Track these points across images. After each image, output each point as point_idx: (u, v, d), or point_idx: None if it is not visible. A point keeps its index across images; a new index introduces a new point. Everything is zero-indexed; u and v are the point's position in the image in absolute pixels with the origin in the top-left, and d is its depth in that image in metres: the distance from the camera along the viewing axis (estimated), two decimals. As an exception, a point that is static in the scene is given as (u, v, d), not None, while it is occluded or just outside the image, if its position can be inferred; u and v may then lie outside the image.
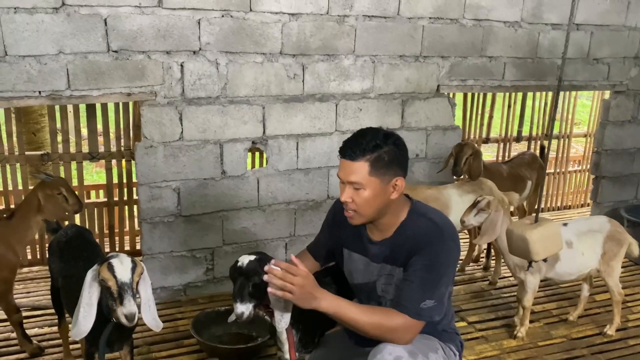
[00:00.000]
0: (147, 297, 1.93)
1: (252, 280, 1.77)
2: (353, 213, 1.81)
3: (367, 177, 1.74)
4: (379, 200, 1.78)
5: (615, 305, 3.07)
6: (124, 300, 1.79)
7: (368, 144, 1.74)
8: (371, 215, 1.81)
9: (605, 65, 4.16)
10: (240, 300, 1.77)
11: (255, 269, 1.79)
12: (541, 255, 2.47)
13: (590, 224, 3.04)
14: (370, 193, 1.76)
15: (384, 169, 1.75)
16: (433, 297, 1.75)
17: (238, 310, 1.76)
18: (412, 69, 3.56)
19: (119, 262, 1.84)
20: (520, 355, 2.89)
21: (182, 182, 3.22)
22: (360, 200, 1.77)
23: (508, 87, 3.94)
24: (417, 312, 1.74)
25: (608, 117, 4.37)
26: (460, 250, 1.90)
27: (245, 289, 1.77)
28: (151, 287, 1.97)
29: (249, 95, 3.22)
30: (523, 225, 2.53)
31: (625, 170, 4.55)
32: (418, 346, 1.80)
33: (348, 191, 1.78)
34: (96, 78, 2.87)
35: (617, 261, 2.99)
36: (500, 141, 4.93)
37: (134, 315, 1.79)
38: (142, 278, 1.91)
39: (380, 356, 1.73)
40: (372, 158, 1.74)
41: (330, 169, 3.55)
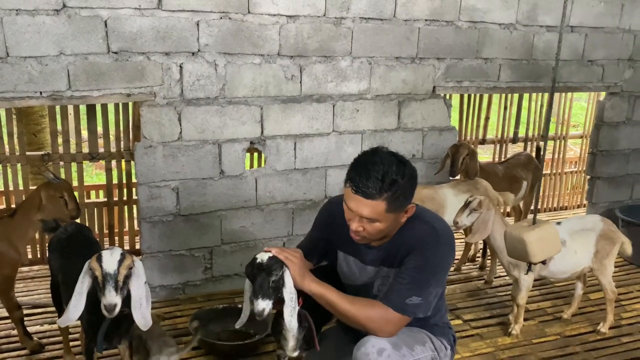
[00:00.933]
0: (139, 294, 1.92)
1: (272, 276, 1.79)
2: (361, 238, 1.82)
3: (383, 214, 1.73)
4: (391, 227, 1.80)
5: (608, 303, 3.11)
6: (105, 290, 1.80)
7: (384, 180, 1.68)
8: (379, 237, 1.84)
9: (600, 67, 4.21)
10: (261, 297, 1.76)
11: (274, 265, 1.81)
12: (539, 257, 2.49)
13: (584, 223, 3.08)
14: (384, 225, 1.77)
15: (399, 203, 1.74)
16: (420, 295, 1.78)
17: (259, 307, 1.76)
18: (409, 70, 3.61)
19: (109, 254, 1.87)
20: (514, 352, 2.92)
21: (181, 182, 3.26)
22: (372, 229, 1.77)
23: (503, 89, 3.99)
24: (401, 306, 1.77)
25: (603, 119, 4.42)
26: (454, 257, 1.94)
27: (265, 285, 1.77)
28: (146, 285, 1.96)
29: (247, 96, 3.26)
30: (521, 227, 2.56)
31: (620, 171, 4.59)
32: (403, 338, 1.83)
33: (359, 221, 1.76)
34: (96, 79, 2.92)
35: (609, 260, 3.03)
36: (497, 142, 4.97)
37: (114, 307, 1.79)
38: (135, 274, 1.90)
39: (364, 349, 1.77)
40: (389, 196, 1.70)
41: (328, 169, 3.59)
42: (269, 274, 1.79)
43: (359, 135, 3.60)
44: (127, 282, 1.87)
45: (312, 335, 2.02)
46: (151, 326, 2.46)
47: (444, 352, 1.97)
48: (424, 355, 1.86)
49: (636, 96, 4.44)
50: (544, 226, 2.52)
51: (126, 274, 1.86)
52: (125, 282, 1.86)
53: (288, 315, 1.83)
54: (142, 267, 1.97)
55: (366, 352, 1.75)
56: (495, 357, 2.88)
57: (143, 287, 1.94)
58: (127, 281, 1.87)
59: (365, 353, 1.75)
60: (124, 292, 1.86)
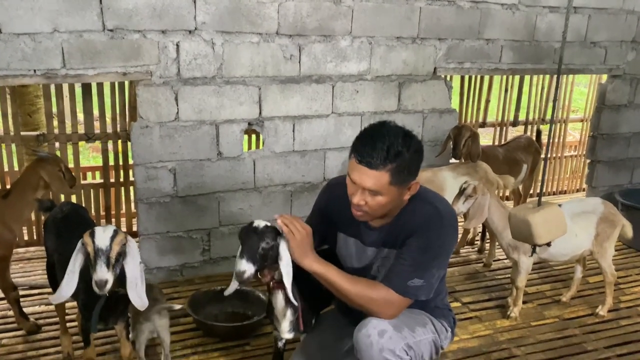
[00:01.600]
0: (134, 274, 1.89)
1: (264, 242, 1.76)
2: (363, 213, 1.78)
3: (386, 187, 1.69)
4: (393, 203, 1.76)
5: (607, 286, 3.11)
6: (96, 265, 1.78)
7: (389, 151, 1.65)
8: (381, 214, 1.80)
9: (603, 49, 4.16)
10: (246, 258, 1.74)
11: (268, 233, 1.78)
12: (544, 238, 2.45)
13: (584, 206, 3.05)
14: (387, 199, 1.72)
15: (403, 177, 1.70)
16: (423, 277, 1.76)
17: (241, 268, 1.73)
18: (409, 51, 3.55)
19: (102, 230, 1.84)
20: (513, 335, 2.92)
21: (178, 163, 3.22)
22: (374, 203, 1.73)
23: (505, 70, 3.94)
24: (403, 288, 1.75)
25: (604, 102, 4.38)
26: (457, 239, 1.91)
27: (254, 249, 1.75)
28: (141, 265, 1.94)
29: (245, 76, 3.21)
30: (526, 209, 2.52)
31: (620, 155, 4.57)
32: (404, 320, 1.82)
33: (361, 194, 1.72)
34: (92, 57, 2.86)
35: (610, 243, 3.01)
36: (497, 125, 4.93)
37: (104, 283, 1.76)
38: (129, 253, 1.87)
39: (365, 330, 1.76)
40: (393, 168, 1.66)
41: (327, 151, 3.56)
42: (261, 239, 1.77)
43: (358, 117, 3.56)
44: (119, 260, 1.84)
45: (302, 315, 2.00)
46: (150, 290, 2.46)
47: (445, 334, 1.96)
48: (425, 337, 1.84)
49: (639, 79, 4.40)
50: (550, 208, 2.48)
51: (119, 250, 1.83)
52: (118, 260, 1.83)
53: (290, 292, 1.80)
54: (136, 247, 1.94)
55: (367, 333, 1.74)
56: (493, 339, 2.87)
57: (138, 267, 1.91)
58: (119, 259, 1.84)
59: (367, 334, 1.73)
60: (116, 269, 1.83)
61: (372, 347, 1.72)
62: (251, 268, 1.74)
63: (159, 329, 2.33)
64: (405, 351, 1.75)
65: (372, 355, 1.72)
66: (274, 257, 1.80)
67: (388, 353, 1.71)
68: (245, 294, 3.06)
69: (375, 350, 1.71)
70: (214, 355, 2.66)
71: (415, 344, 1.80)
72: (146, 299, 1.94)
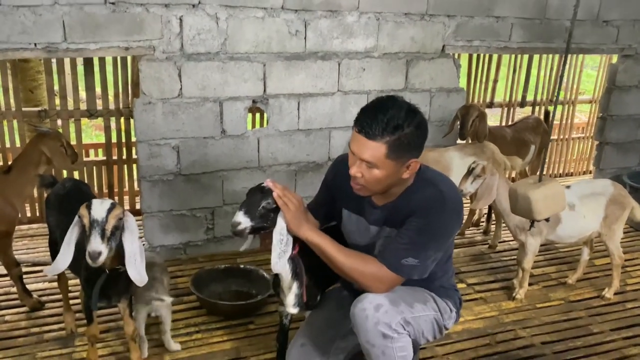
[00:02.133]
0: (132, 250, 1.86)
1: (265, 201, 1.76)
2: (360, 187, 1.75)
3: (382, 159, 1.65)
4: (390, 180, 1.73)
5: (614, 268, 3.08)
6: (90, 236, 1.75)
7: (389, 123, 1.61)
8: (379, 190, 1.77)
9: (615, 28, 4.06)
10: (244, 211, 1.74)
11: (272, 196, 1.78)
12: (544, 214, 2.44)
13: (594, 187, 3.01)
14: (383, 174, 1.69)
15: (401, 152, 1.66)
16: (418, 257, 1.73)
17: (237, 219, 1.73)
18: (418, 27, 3.47)
19: (99, 202, 1.82)
20: (518, 317, 2.90)
21: (182, 141, 3.18)
22: (370, 177, 1.70)
23: (514, 49, 3.85)
24: (396, 266, 1.73)
25: (615, 82, 4.30)
26: (460, 223, 1.87)
27: (254, 204, 1.76)
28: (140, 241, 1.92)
29: (249, 52, 3.15)
30: (526, 184, 2.49)
31: (629, 137, 4.50)
32: (401, 295, 1.80)
33: (359, 166, 1.70)
34: (93, 31, 2.80)
35: (618, 225, 2.97)
36: (505, 106, 4.86)
37: (97, 254, 1.73)
38: (128, 229, 1.84)
39: (361, 304, 1.75)
40: (391, 140, 1.63)
41: (332, 130, 3.50)
42: (263, 198, 1.77)
43: (364, 96, 3.49)
44: (115, 234, 1.81)
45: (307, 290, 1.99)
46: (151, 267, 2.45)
47: (448, 314, 1.93)
48: (424, 314, 1.82)
49: (650, 59, 4.31)
50: (550, 184, 2.45)
51: (115, 224, 1.80)
52: (114, 234, 1.80)
53: (275, 257, 1.80)
54: (135, 223, 1.90)
55: (363, 307, 1.73)
56: (499, 320, 2.86)
57: (137, 242, 1.88)
58: (116, 233, 1.81)
59: (362, 309, 1.73)
60: (112, 243, 1.80)
61: (368, 321, 1.71)
62: (247, 222, 1.74)
63: (158, 307, 2.31)
64: (403, 326, 1.74)
65: (367, 329, 1.71)
66: (274, 221, 1.79)
67: (383, 326, 1.70)
68: (248, 272, 3.05)
69: (371, 323, 1.70)
70: (218, 334, 2.65)
71: (414, 319, 1.78)
72: (145, 275, 1.91)
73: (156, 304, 2.32)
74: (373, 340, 1.72)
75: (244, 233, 1.77)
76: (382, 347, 1.72)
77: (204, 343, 2.58)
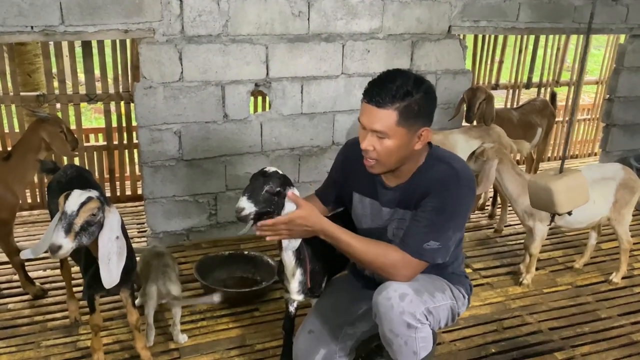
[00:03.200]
0: (107, 248, 1.78)
1: (268, 185, 1.73)
2: (373, 162, 1.71)
3: (393, 127, 1.63)
4: (402, 151, 1.69)
5: (623, 253, 3.04)
6: (55, 228, 1.69)
7: (398, 90, 1.60)
8: (392, 165, 1.73)
9: (625, 7, 3.97)
10: (247, 196, 1.71)
11: (277, 178, 1.75)
12: (566, 207, 2.35)
13: (604, 172, 2.96)
14: (395, 143, 1.65)
15: (412, 119, 1.64)
16: (439, 239, 1.70)
17: (240, 204, 1.69)
18: (424, 7, 3.39)
19: (78, 194, 1.76)
20: (525, 302, 2.88)
21: (183, 125, 3.13)
22: (382, 149, 1.67)
23: (522, 30, 3.77)
24: (418, 251, 1.70)
25: (623, 63, 4.22)
26: (474, 200, 1.83)
27: (258, 188, 1.72)
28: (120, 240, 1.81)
29: (251, 34, 3.07)
30: (547, 176, 2.40)
31: (637, 119, 4.44)
32: (424, 284, 1.77)
33: (370, 138, 1.67)
34: (91, 13, 2.73)
35: (628, 209, 2.93)
36: (510, 87, 4.78)
37: (57, 248, 1.67)
38: (107, 225, 1.77)
39: (386, 292, 1.71)
40: (401, 107, 1.61)
41: (336, 114, 3.44)
42: (266, 182, 1.73)
43: (369, 79, 3.34)
44: (88, 229, 1.73)
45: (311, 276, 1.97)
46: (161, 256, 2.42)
47: (462, 300, 1.91)
48: (444, 303, 1.80)
49: (660, 39, 4.22)
50: (572, 175, 2.36)
51: (87, 219, 1.72)
52: (86, 228, 1.73)
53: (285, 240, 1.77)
54: (117, 221, 1.82)
55: (388, 296, 1.68)
56: (505, 306, 2.83)
57: (114, 241, 1.80)
58: (88, 227, 1.73)
59: (387, 297, 1.68)
60: (81, 237, 1.72)
61: (393, 310, 1.67)
62: (251, 207, 1.70)
63: (170, 296, 2.28)
64: (425, 316, 1.71)
65: (392, 318, 1.67)
66: (279, 205, 1.75)
67: (408, 316, 1.67)
68: (253, 258, 3.02)
69: (396, 312, 1.67)
70: (223, 321, 2.63)
71: (435, 309, 1.75)
72: (118, 276, 1.82)
73: (169, 289, 2.28)
74: (397, 330, 1.68)
75: (248, 218, 1.73)
76: (406, 337, 1.69)
77: (209, 331, 2.56)
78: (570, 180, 2.32)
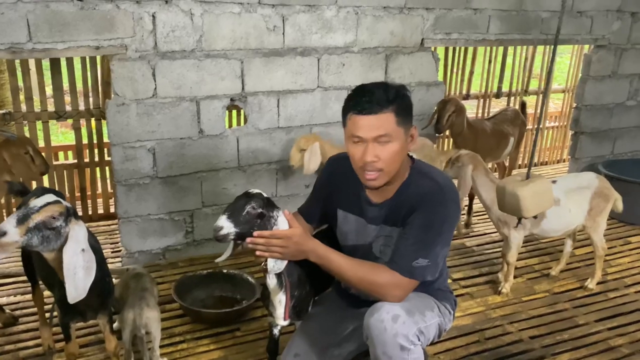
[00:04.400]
0: (73, 261, 1.69)
1: (250, 205, 1.67)
2: (378, 173, 1.70)
3: (395, 128, 1.66)
4: (403, 153, 1.73)
5: (597, 259, 3.11)
6: (10, 215, 1.63)
7: (388, 93, 1.65)
8: (394, 171, 1.73)
9: (589, 19, 4.10)
10: (227, 215, 1.65)
11: (261, 199, 1.70)
12: (532, 211, 2.42)
13: (579, 181, 3.03)
14: (398, 145, 1.68)
15: (405, 117, 1.69)
16: (427, 256, 1.70)
17: (218, 223, 1.63)
18: (397, 21, 3.42)
19: (49, 196, 1.70)
20: (505, 311, 2.90)
21: (158, 142, 3.06)
22: (387, 155, 1.67)
23: (492, 41, 3.85)
24: (408, 269, 1.70)
25: (589, 72, 4.34)
26: (460, 212, 1.85)
27: (238, 209, 1.66)
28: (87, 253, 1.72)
29: (226, 49, 3.04)
30: (514, 181, 2.47)
31: (603, 126, 4.57)
32: (414, 304, 1.77)
33: (372, 149, 1.67)
34: (60, 30, 2.65)
35: (603, 217, 3.00)
36: (481, 97, 4.87)
37: (1, 233, 1.57)
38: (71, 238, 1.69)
39: (378, 315, 1.69)
40: (395, 107, 1.66)
41: (313, 127, 3.43)
42: (248, 202, 1.68)
43: (344, 92, 3.42)
44: (44, 232, 1.64)
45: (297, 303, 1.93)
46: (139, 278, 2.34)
47: (448, 317, 1.91)
48: (433, 321, 1.80)
49: (622, 49, 4.37)
50: (538, 181, 2.44)
51: (44, 219, 1.64)
52: (40, 229, 1.63)
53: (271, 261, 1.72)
54: (84, 234, 1.73)
55: (380, 318, 1.66)
56: (486, 316, 2.86)
57: (80, 254, 1.71)
58: (44, 230, 1.64)
59: (380, 319, 1.66)
60: (32, 237, 1.62)
61: (386, 332, 1.65)
62: (230, 227, 1.64)
63: (147, 321, 2.21)
64: (417, 336, 1.70)
65: (385, 341, 1.66)
66: (262, 227, 1.69)
67: (402, 338, 1.65)
68: (232, 277, 2.97)
69: (390, 335, 1.65)
70: (204, 343, 2.56)
71: (426, 328, 1.75)
72: (84, 291, 1.73)
73: (147, 316, 2.20)
74: (390, 352, 1.66)
75: (226, 239, 1.66)
76: (399, 359, 1.67)
77: (190, 353, 2.49)
78: (536, 185, 2.39)
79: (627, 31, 4.30)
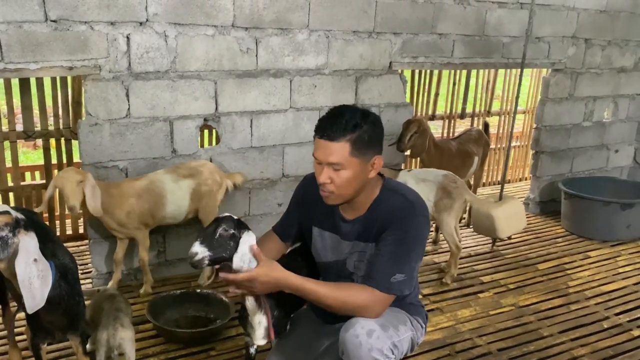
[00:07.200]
0: (26, 273, 1.68)
1: (221, 227, 1.70)
2: (330, 194, 1.78)
3: (348, 158, 1.71)
4: (359, 180, 1.77)
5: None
6: None
7: (348, 123, 1.70)
8: (349, 195, 1.79)
9: (546, 44, 4.32)
10: (200, 241, 1.68)
11: (231, 220, 1.74)
12: (506, 232, 2.52)
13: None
14: (351, 173, 1.73)
15: (364, 149, 1.73)
16: (403, 271, 1.76)
17: (193, 249, 1.66)
18: (366, 45, 3.54)
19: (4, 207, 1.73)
20: (474, 325, 2.99)
21: (130, 162, 3.06)
22: (340, 180, 1.74)
23: (457, 65, 4.01)
24: (387, 285, 1.75)
25: (548, 94, 4.56)
26: (429, 227, 1.93)
27: (212, 232, 1.70)
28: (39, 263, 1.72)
29: (200, 70, 3.09)
30: (488, 203, 2.58)
31: (562, 145, 4.78)
32: (388, 319, 1.82)
33: (327, 172, 1.74)
34: (33, 50, 2.65)
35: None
36: (446, 118, 5.03)
37: None
38: (21, 251, 1.69)
39: (353, 330, 1.73)
40: (352, 138, 1.70)
41: (285, 146, 3.49)
42: (219, 225, 1.72)
43: (316, 112, 3.51)
44: None
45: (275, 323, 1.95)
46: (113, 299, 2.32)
47: (420, 330, 1.97)
48: (406, 335, 1.85)
49: (578, 73, 4.61)
50: (512, 202, 2.55)
51: None
52: None
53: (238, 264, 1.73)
54: (34, 245, 1.73)
55: (355, 333, 1.71)
56: (456, 330, 2.94)
57: (32, 264, 1.71)
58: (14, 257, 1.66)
59: (355, 335, 1.71)
60: None
61: (361, 347, 1.69)
62: (204, 252, 1.67)
63: (122, 342, 2.19)
64: (392, 350, 1.75)
65: (360, 356, 1.70)
66: (233, 250, 1.72)
67: (377, 353, 1.70)
68: (206, 296, 2.97)
69: (364, 350, 1.69)
70: (178, 363, 2.56)
71: (400, 342, 1.80)
72: (42, 300, 1.73)
73: (120, 336, 2.18)
74: None
75: (202, 263, 1.69)
76: None
77: (164, 374, 2.48)
78: (510, 207, 2.50)
79: (581, 56, 4.55)
